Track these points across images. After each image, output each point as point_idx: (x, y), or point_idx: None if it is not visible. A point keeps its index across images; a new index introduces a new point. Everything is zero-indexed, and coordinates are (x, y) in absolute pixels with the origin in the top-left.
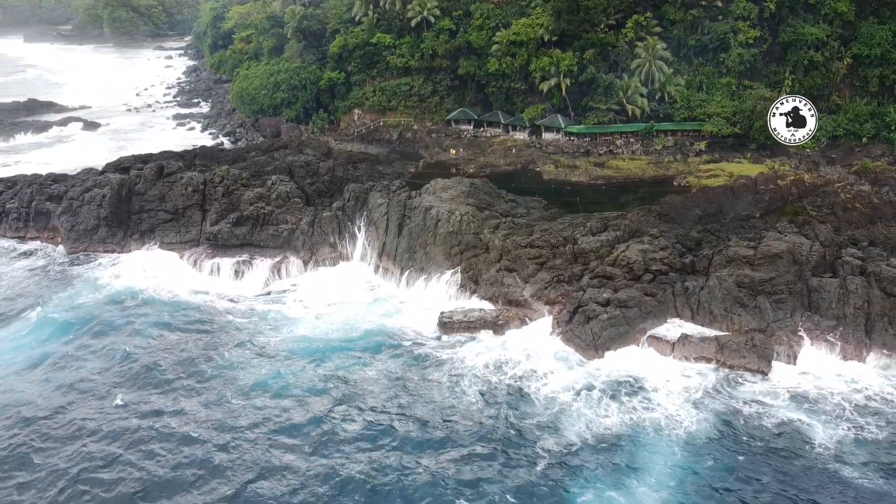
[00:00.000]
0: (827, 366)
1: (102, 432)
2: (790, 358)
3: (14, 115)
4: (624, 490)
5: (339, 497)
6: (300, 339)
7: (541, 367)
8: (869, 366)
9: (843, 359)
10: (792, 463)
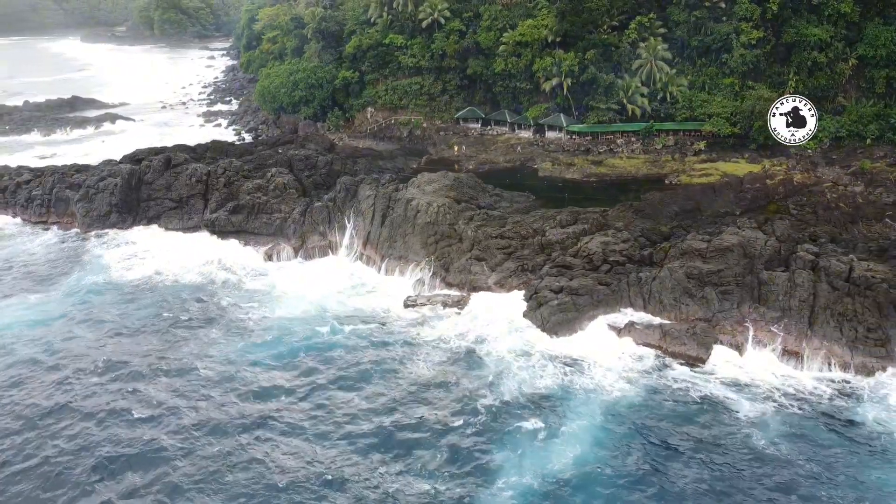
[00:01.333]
0: (767, 353)
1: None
2: (733, 346)
3: (57, 112)
4: (541, 446)
5: (278, 446)
6: (278, 316)
7: (492, 348)
8: (806, 354)
9: (783, 348)
10: (708, 430)
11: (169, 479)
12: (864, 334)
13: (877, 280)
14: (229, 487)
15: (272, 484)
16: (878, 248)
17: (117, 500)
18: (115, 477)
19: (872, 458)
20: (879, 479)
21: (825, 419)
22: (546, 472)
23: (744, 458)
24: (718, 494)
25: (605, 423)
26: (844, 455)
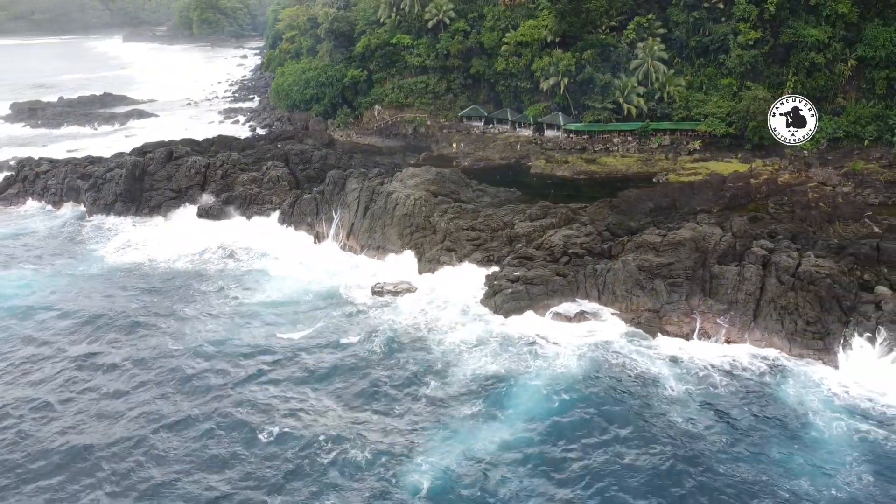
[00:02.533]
0: (710, 342)
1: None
2: (680, 337)
3: (89, 108)
4: (472, 426)
5: (228, 418)
6: (257, 301)
7: (444, 333)
8: (747, 344)
9: (727, 339)
10: (639, 401)
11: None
12: (804, 327)
13: (821, 275)
14: (165, 459)
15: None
16: (837, 247)
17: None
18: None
19: (782, 438)
20: (783, 456)
21: (747, 399)
22: (469, 452)
23: (660, 434)
24: (628, 469)
25: (539, 407)
26: (757, 433)
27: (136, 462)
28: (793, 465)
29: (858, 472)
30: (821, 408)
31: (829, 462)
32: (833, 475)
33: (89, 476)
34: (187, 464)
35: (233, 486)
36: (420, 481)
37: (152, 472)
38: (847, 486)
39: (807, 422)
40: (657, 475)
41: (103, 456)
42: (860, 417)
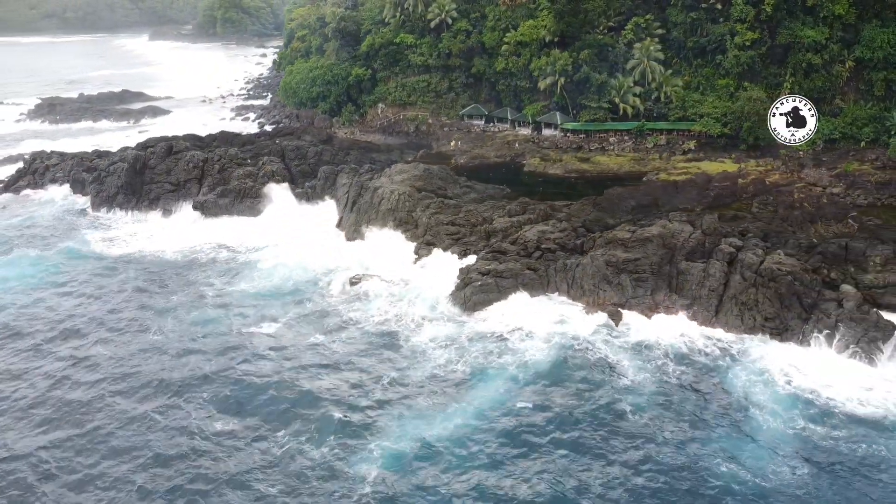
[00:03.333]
0: (672, 335)
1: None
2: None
3: (107, 103)
4: (428, 414)
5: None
6: (241, 289)
7: (416, 323)
8: (706, 337)
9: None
10: (594, 392)
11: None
12: (762, 322)
13: (782, 272)
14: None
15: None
16: (808, 246)
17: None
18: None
19: (726, 427)
20: (722, 444)
21: (698, 391)
22: (422, 439)
23: (610, 422)
24: (575, 457)
25: (497, 398)
26: (703, 422)
27: (75, 449)
28: (730, 453)
29: (792, 464)
30: (767, 400)
31: (765, 452)
32: (766, 464)
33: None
34: (136, 452)
35: (180, 475)
36: (370, 465)
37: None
38: (776, 476)
39: (750, 413)
40: (603, 462)
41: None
42: (804, 410)
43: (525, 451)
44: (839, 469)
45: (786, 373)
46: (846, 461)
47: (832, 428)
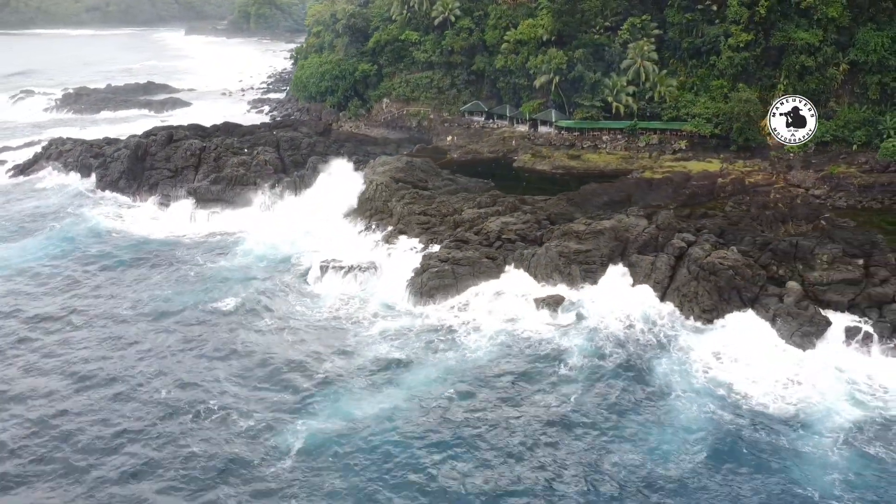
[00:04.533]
0: (615, 324)
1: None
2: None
3: (131, 95)
4: (360, 396)
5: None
6: (218, 266)
7: (368, 308)
8: (647, 327)
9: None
10: (529, 379)
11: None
12: (699, 314)
13: (724, 267)
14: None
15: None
16: (762, 243)
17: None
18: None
19: (642, 412)
20: (635, 429)
21: (627, 379)
22: (348, 419)
23: (528, 406)
24: (493, 442)
25: (433, 384)
26: (623, 407)
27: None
28: (640, 439)
29: (696, 451)
30: (688, 389)
31: (674, 439)
32: (672, 451)
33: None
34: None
35: (104, 423)
36: (295, 438)
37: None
38: (677, 464)
39: (668, 401)
40: (514, 445)
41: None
42: (721, 401)
43: (445, 434)
44: (739, 459)
45: (713, 364)
46: (748, 453)
47: (744, 420)
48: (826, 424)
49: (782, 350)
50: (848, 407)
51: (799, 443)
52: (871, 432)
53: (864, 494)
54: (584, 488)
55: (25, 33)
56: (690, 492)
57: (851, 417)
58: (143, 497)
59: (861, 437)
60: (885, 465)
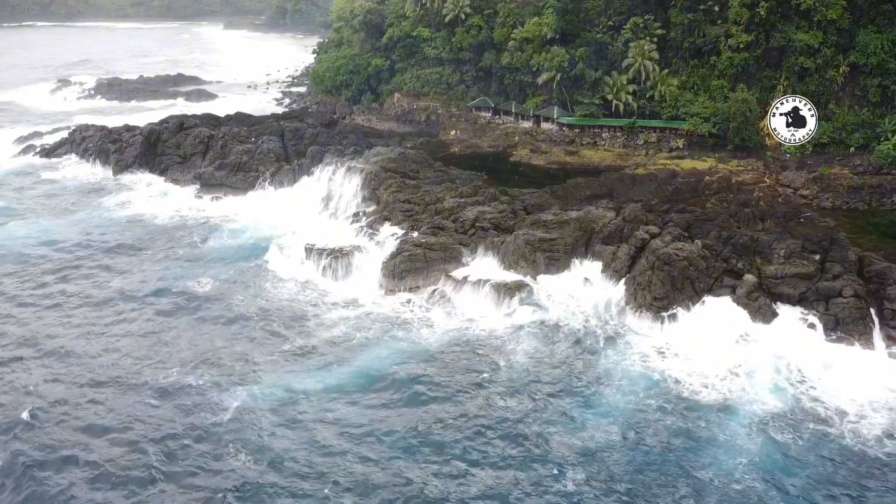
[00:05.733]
0: (567, 311)
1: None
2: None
3: (161, 86)
4: (313, 371)
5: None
6: (209, 246)
7: (343, 292)
8: (599, 314)
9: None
10: (473, 366)
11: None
12: (650, 302)
13: (679, 257)
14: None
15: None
16: (726, 238)
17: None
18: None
19: (574, 396)
20: (562, 415)
21: (567, 365)
22: (288, 389)
23: (464, 390)
24: (421, 417)
25: (379, 364)
26: (555, 390)
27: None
28: (570, 424)
29: (622, 436)
30: (626, 377)
31: (597, 420)
32: (598, 434)
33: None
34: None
35: (75, 391)
36: (237, 400)
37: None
38: (603, 448)
39: (603, 387)
40: (443, 426)
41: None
42: (656, 388)
43: (382, 410)
44: (651, 440)
45: (655, 354)
46: (662, 435)
47: (670, 406)
48: (747, 412)
49: (728, 340)
50: (772, 398)
51: (715, 429)
52: (786, 421)
53: (762, 476)
54: (495, 451)
55: (76, 25)
56: (594, 462)
57: (773, 407)
58: (97, 436)
59: (774, 426)
60: (788, 451)
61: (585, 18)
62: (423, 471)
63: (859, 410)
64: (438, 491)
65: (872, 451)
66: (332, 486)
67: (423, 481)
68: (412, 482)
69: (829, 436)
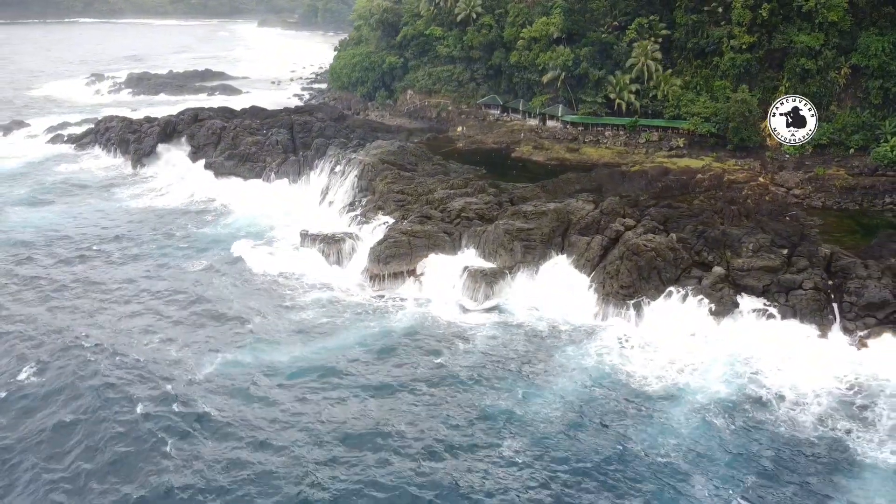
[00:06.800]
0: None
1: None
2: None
3: (189, 81)
4: (283, 342)
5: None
6: (204, 231)
7: (339, 274)
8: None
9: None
10: (434, 345)
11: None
12: (617, 289)
13: (647, 249)
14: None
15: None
16: (700, 231)
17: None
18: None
19: (524, 381)
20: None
21: (524, 348)
22: (258, 357)
23: (421, 374)
24: (378, 396)
25: (348, 343)
26: (506, 373)
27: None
28: (512, 400)
29: (557, 412)
30: (579, 367)
31: (543, 402)
32: (537, 409)
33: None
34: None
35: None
36: (209, 366)
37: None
38: (534, 419)
39: (555, 374)
40: (397, 407)
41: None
42: (608, 376)
43: (342, 385)
44: (591, 422)
45: (614, 344)
46: (603, 418)
47: (618, 393)
48: (690, 399)
49: (687, 330)
50: (721, 386)
51: (656, 414)
52: (726, 407)
53: (687, 451)
54: (439, 420)
55: (118, 22)
56: (531, 434)
57: (718, 394)
58: (82, 395)
59: (713, 410)
60: (720, 433)
61: (591, 18)
62: (364, 427)
63: (800, 398)
64: (380, 445)
65: (802, 435)
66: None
67: (367, 438)
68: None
69: (765, 421)
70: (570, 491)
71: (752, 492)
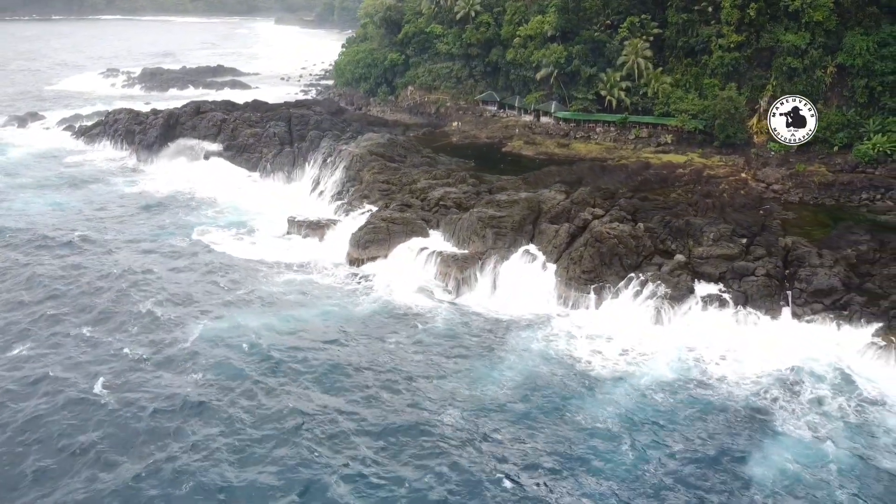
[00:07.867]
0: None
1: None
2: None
3: (200, 76)
4: (261, 313)
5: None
6: (189, 219)
7: (320, 256)
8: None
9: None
10: (394, 330)
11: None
12: (579, 274)
13: (610, 236)
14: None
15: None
16: (666, 221)
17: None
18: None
19: (483, 364)
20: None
21: (483, 333)
22: (240, 324)
23: (376, 358)
24: (331, 374)
25: (314, 319)
26: (465, 358)
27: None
28: (459, 379)
29: (509, 389)
30: (530, 350)
31: (495, 380)
32: (489, 386)
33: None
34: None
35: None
36: (194, 331)
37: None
38: (484, 395)
39: (510, 358)
40: (348, 391)
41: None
42: (561, 363)
43: (301, 357)
44: (539, 399)
45: (575, 331)
46: (549, 396)
47: (571, 379)
48: (635, 378)
49: (643, 314)
50: (666, 368)
51: (598, 394)
52: (667, 386)
53: (622, 421)
54: (384, 393)
55: (140, 19)
56: (473, 408)
57: (662, 375)
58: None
59: (654, 388)
60: (656, 407)
61: (585, 17)
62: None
63: (740, 378)
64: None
65: (734, 406)
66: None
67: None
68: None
69: (702, 397)
70: (506, 452)
71: (678, 454)
